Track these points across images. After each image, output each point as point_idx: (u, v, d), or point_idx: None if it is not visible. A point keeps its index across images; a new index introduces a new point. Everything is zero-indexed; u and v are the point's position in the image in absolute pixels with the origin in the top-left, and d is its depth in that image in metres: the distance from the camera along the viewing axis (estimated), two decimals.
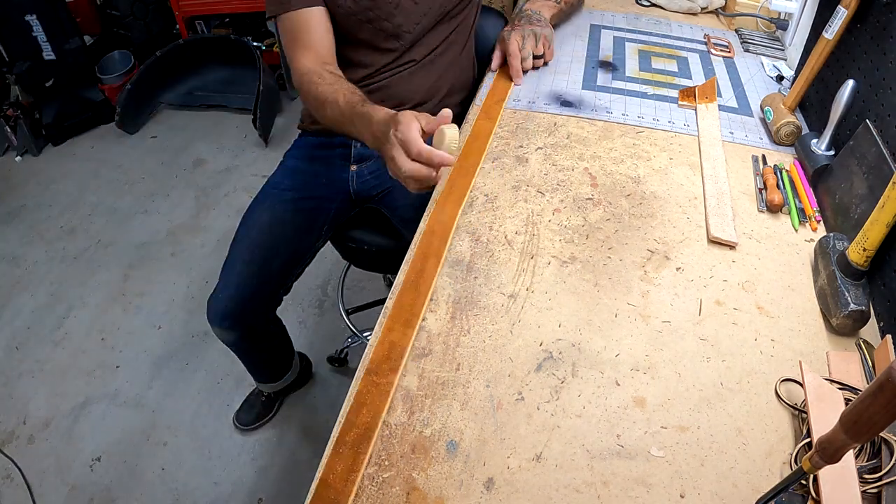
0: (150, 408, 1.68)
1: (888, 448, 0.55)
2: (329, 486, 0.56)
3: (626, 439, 0.60)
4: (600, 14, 1.38)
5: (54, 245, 2.17)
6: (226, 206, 2.31)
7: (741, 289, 0.75)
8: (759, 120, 1.05)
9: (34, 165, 2.53)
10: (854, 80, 0.85)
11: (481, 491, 0.56)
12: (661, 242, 0.81)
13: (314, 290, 1.95)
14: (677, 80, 1.14)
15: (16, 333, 1.89)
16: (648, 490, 0.56)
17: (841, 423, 0.43)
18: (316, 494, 0.56)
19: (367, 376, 0.64)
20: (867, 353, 0.67)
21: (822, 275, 0.73)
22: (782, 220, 0.85)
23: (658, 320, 0.71)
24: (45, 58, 2.41)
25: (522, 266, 0.77)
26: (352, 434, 0.59)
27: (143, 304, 1.96)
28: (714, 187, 0.88)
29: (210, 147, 2.59)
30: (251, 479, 1.52)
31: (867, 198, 0.76)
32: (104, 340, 1.86)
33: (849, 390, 0.61)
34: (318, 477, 0.57)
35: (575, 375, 0.65)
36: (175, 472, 1.54)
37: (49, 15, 2.36)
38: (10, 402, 1.71)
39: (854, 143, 0.82)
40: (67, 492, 1.51)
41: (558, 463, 0.58)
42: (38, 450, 1.60)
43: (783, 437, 0.60)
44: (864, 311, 0.67)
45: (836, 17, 0.91)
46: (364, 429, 0.60)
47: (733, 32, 1.33)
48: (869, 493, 0.54)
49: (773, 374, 0.65)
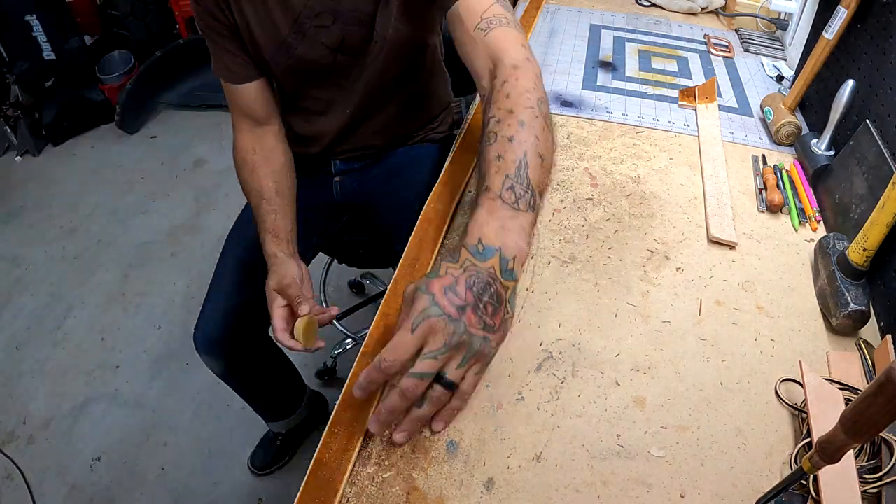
0: (150, 408, 1.68)
1: (888, 448, 0.55)
2: (324, 464, 0.57)
3: (626, 439, 0.60)
4: (600, 14, 1.38)
5: (54, 245, 2.17)
6: (226, 206, 2.31)
7: (741, 289, 0.75)
8: (759, 120, 1.05)
9: (34, 165, 2.53)
10: (854, 80, 0.85)
11: (481, 491, 0.56)
12: (661, 242, 0.81)
13: None
14: (677, 80, 1.15)
15: (16, 333, 1.89)
16: (648, 490, 0.56)
17: (841, 423, 0.43)
18: (311, 472, 0.56)
19: (362, 359, 0.66)
20: (867, 353, 0.67)
21: (822, 275, 0.73)
22: (782, 220, 0.85)
23: (658, 320, 0.71)
24: (45, 58, 2.41)
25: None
26: (347, 414, 0.60)
27: (143, 304, 1.96)
28: (714, 187, 0.88)
29: (210, 147, 2.59)
30: (251, 479, 1.52)
31: (867, 198, 0.76)
32: (104, 340, 1.86)
33: (849, 390, 0.61)
34: (315, 457, 0.57)
35: (575, 375, 0.65)
36: (175, 472, 1.54)
37: (49, 15, 2.36)
38: (10, 402, 1.71)
39: (854, 143, 0.82)
40: (67, 492, 1.51)
41: (558, 463, 0.58)
42: (38, 450, 1.60)
43: (783, 437, 0.60)
44: (864, 311, 0.67)
45: (836, 17, 0.91)
46: (359, 409, 0.61)
47: (733, 32, 1.33)
48: (869, 493, 0.54)
49: (773, 374, 0.65)
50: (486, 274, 0.58)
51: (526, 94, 0.71)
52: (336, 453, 0.58)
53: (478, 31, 0.79)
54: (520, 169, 0.64)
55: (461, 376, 0.57)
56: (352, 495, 0.55)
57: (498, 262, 0.59)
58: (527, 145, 0.66)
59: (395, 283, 0.74)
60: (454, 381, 0.57)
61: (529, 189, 0.64)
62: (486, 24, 0.79)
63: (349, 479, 0.56)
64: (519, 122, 0.68)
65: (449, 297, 0.56)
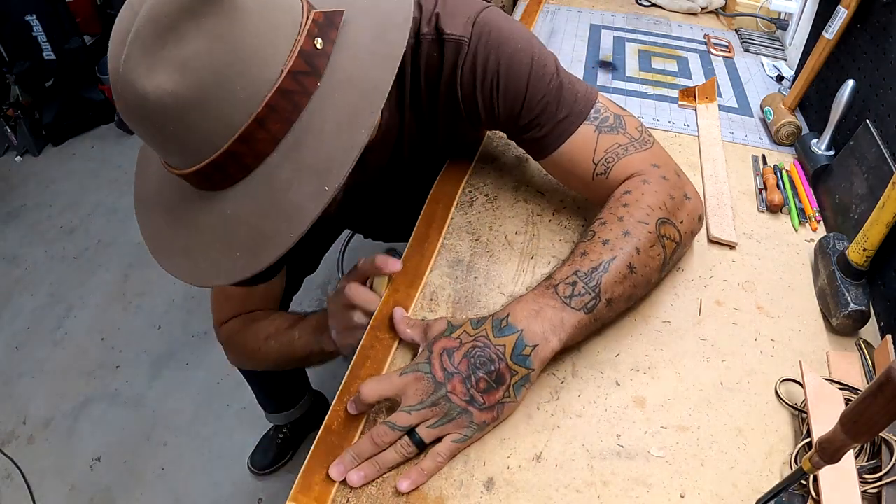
0: (150, 408, 1.68)
1: (888, 448, 0.55)
2: (332, 432, 0.59)
3: (626, 439, 0.60)
4: (600, 14, 1.38)
5: (54, 245, 2.17)
6: None
7: (741, 289, 0.75)
8: (759, 120, 1.05)
9: (34, 165, 2.53)
10: (854, 80, 0.85)
11: (481, 491, 0.56)
12: None
13: (313, 290, 1.95)
14: (677, 80, 1.15)
15: (16, 333, 1.89)
16: (648, 490, 0.56)
17: (841, 423, 0.43)
18: (320, 439, 0.58)
19: (371, 332, 0.68)
20: (867, 353, 0.67)
21: (822, 275, 0.73)
22: (782, 220, 0.85)
23: (658, 320, 0.71)
24: (45, 58, 2.41)
25: (522, 266, 0.77)
26: (355, 385, 0.62)
27: (143, 304, 1.96)
28: (714, 187, 0.88)
29: None
30: (251, 479, 1.52)
31: (867, 198, 0.76)
32: (104, 340, 1.86)
33: (849, 390, 0.61)
34: (324, 424, 0.60)
35: (575, 375, 0.65)
36: (175, 472, 1.54)
37: (49, 15, 2.36)
38: (10, 402, 1.71)
39: (854, 143, 0.82)
40: (67, 492, 1.51)
41: (558, 463, 0.58)
42: (38, 450, 1.60)
43: (783, 437, 0.60)
44: (864, 311, 0.67)
45: (836, 17, 0.91)
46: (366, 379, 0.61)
47: (733, 32, 1.33)
48: (869, 493, 0.54)
49: (773, 374, 0.65)
50: (492, 351, 0.57)
51: (647, 209, 0.65)
52: (344, 421, 0.60)
53: (598, 178, 0.71)
54: (595, 271, 0.61)
55: (433, 437, 0.56)
56: (352, 495, 0.55)
57: (513, 343, 0.57)
58: (620, 252, 0.62)
59: (405, 260, 0.76)
60: (423, 438, 0.56)
61: (594, 292, 0.60)
62: (604, 166, 0.70)
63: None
64: (624, 231, 0.63)
65: (443, 360, 0.57)
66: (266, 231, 0.55)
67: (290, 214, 0.54)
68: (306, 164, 0.54)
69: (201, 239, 0.57)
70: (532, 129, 0.71)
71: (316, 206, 0.53)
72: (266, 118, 0.52)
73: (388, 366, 0.65)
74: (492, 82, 0.70)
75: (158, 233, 0.61)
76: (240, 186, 0.55)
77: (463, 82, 0.71)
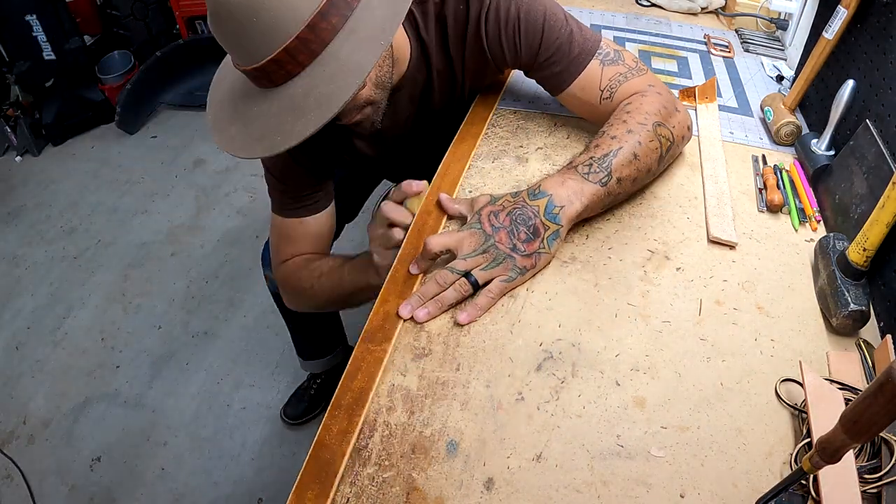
0: (150, 408, 1.68)
1: (888, 448, 0.55)
2: (325, 446, 0.59)
3: (626, 439, 0.60)
4: (600, 14, 1.38)
5: (54, 245, 2.17)
6: (226, 206, 2.31)
7: (741, 289, 0.75)
8: (759, 120, 1.05)
9: (34, 165, 2.53)
10: (854, 80, 0.85)
11: (481, 491, 0.56)
12: (661, 242, 0.81)
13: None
14: (677, 80, 1.14)
15: (16, 333, 1.89)
16: (648, 490, 0.56)
17: (841, 423, 0.43)
18: (312, 454, 0.58)
19: (362, 343, 0.68)
20: (867, 353, 0.67)
21: (822, 275, 0.73)
22: (782, 220, 0.85)
23: (658, 320, 0.71)
24: (45, 58, 2.41)
25: None
26: (347, 398, 0.62)
27: (143, 304, 1.96)
28: (714, 187, 0.88)
29: (210, 147, 2.59)
30: (251, 479, 1.52)
31: (867, 198, 0.76)
32: (104, 340, 1.86)
33: (849, 390, 0.61)
34: (316, 439, 0.59)
35: (575, 375, 0.65)
36: (175, 472, 1.54)
37: (49, 15, 2.36)
38: (10, 402, 1.71)
39: (854, 143, 0.82)
40: (67, 492, 1.51)
41: (558, 463, 0.58)
42: (38, 450, 1.60)
43: (783, 437, 0.60)
44: (864, 311, 0.67)
45: (836, 17, 0.91)
46: (359, 392, 0.63)
47: (733, 32, 1.33)
48: (869, 493, 0.54)
49: (773, 374, 0.65)
50: (530, 210, 0.72)
51: (645, 114, 0.79)
52: (336, 435, 0.59)
53: (604, 102, 0.85)
54: (606, 157, 0.75)
55: (486, 279, 0.70)
56: (352, 495, 0.55)
57: (545, 204, 0.72)
58: (625, 144, 0.76)
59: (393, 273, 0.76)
60: (478, 279, 0.69)
61: (607, 171, 0.75)
62: (609, 91, 0.84)
63: (351, 479, 0.56)
64: (628, 129, 0.78)
65: (490, 219, 0.72)
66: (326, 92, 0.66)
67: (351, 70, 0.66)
68: (361, 38, 0.66)
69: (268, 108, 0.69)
70: (551, 66, 0.85)
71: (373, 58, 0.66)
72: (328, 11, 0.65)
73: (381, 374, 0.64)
74: (514, 27, 0.84)
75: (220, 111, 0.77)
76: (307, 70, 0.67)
77: (489, 30, 0.85)
